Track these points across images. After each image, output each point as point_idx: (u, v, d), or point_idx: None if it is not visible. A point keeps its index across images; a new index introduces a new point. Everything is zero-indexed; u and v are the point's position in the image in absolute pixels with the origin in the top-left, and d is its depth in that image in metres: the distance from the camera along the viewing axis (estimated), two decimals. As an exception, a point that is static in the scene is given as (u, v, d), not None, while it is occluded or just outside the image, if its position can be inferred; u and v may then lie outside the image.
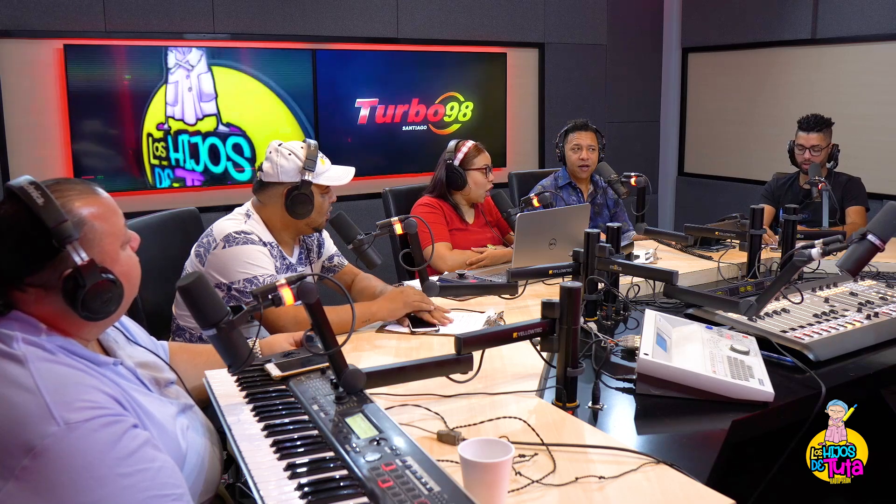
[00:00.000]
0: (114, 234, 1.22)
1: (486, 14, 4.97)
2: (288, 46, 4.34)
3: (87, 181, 1.26)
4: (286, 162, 2.18)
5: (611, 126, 5.58)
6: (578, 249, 2.21)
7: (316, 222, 2.27)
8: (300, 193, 2.17)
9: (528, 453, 1.33)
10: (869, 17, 4.62)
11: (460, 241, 3.05)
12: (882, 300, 2.22)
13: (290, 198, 2.18)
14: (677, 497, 1.20)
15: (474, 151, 3.07)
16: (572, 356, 1.53)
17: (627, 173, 3.09)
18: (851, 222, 3.43)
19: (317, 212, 2.24)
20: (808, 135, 3.48)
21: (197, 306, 1.28)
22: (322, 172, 2.22)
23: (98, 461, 1.01)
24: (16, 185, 1.13)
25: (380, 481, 1.09)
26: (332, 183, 2.24)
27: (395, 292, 2.18)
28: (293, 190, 2.18)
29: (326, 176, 2.23)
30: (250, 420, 1.36)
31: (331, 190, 2.28)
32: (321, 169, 2.21)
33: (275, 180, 2.19)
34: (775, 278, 1.99)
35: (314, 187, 2.21)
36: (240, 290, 2.07)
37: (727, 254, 2.98)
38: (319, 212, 2.25)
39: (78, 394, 1.06)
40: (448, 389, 1.60)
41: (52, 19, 3.72)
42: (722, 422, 1.50)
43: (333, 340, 1.40)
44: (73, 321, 1.17)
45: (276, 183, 2.20)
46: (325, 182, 2.22)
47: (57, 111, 3.79)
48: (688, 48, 5.84)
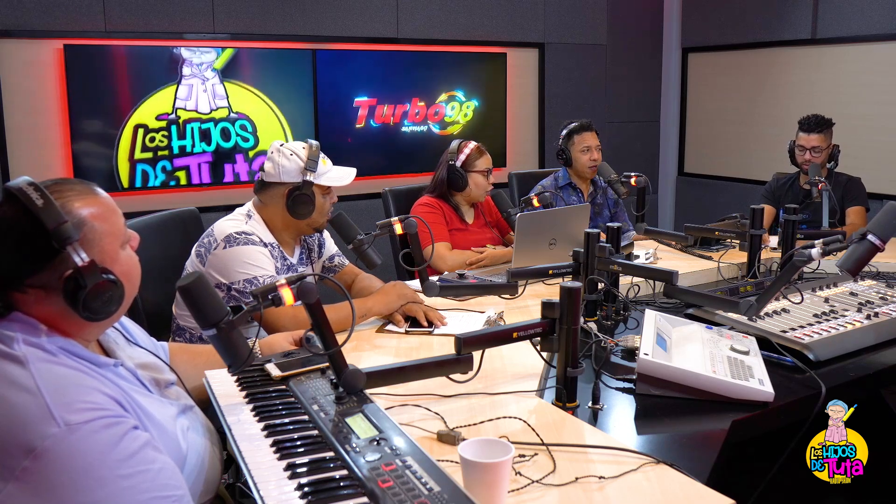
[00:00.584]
0: (114, 233, 1.22)
1: (486, 14, 4.97)
2: (288, 46, 4.34)
3: (85, 181, 1.26)
4: (288, 162, 2.19)
5: (611, 126, 5.58)
6: (578, 249, 2.21)
7: (317, 222, 2.28)
8: (301, 194, 2.18)
9: (528, 453, 1.33)
10: (869, 17, 4.62)
11: (460, 242, 3.05)
12: (882, 300, 2.22)
13: (291, 198, 2.18)
14: (677, 497, 1.20)
15: (476, 153, 3.07)
16: (572, 356, 1.53)
17: (627, 173, 3.09)
18: (851, 222, 3.43)
19: (318, 212, 2.24)
20: (808, 136, 3.48)
21: (197, 306, 1.28)
22: (324, 173, 2.22)
23: (98, 462, 1.01)
24: (14, 186, 1.13)
25: (380, 481, 1.09)
26: (333, 184, 2.24)
27: (388, 286, 2.22)
28: (294, 190, 2.18)
29: (328, 177, 2.23)
30: (250, 420, 1.36)
31: (332, 190, 2.29)
32: (323, 169, 2.22)
33: (276, 180, 2.20)
34: (775, 278, 1.99)
35: (315, 188, 2.21)
36: (240, 291, 2.07)
37: (727, 254, 2.98)
38: (320, 212, 2.26)
39: (78, 395, 1.06)
40: (448, 389, 1.60)
41: (52, 19, 3.72)
42: (722, 422, 1.50)
43: (333, 340, 1.40)
44: (74, 322, 1.17)
45: (278, 183, 2.20)
46: (326, 182, 2.23)
47: (57, 111, 3.79)
48: (688, 48, 5.84)
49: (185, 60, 4.02)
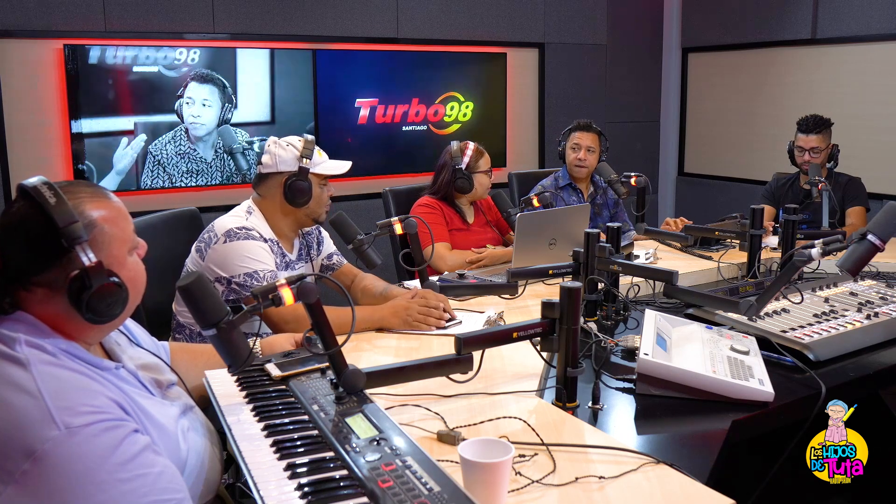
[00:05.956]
0: (123, 238, 1.22)
1: (486, 14, 4.97)
2: (288, 46, 4.34)
3: (98, 185, 1.27)
4: (284, 152, 2.22)
5: (611, 126, 5.57)
6: (578, 249, 2.21)
7: (315, 213, 2.29)
8: (298, 181, 2.21)
9: (528, 453, 1.33)
10: (868, 17, 4.62)
11: (460, 242, 3.05)
12: (882, 300, 2.22)
13: (288, 186, 2.20)
14: (677, 497, 1.20)
15: (477, 154, 3.08)
16: (572, 356, 1.53)
17: (627, 173, 3.09)
18: (851, 223, 3.43)
19: (315, 202, 2.26)
20: (807, 136, 3.48)
21: (197, 306, 1.28)
22: (319, 162, 2.27)
23: (98, 466, 1.01)
24: (29, 184, 1.14)
25: (380, 481, 1.09)
26: (328, 172, 2.28)
27: (400, 307, 2.10)
28: (291, 177, 2.21)
29: (324, 166, 2.27)
30: (250, 420, 1.36)
31: (329, 184, 2.31)
32: (318, 159, 2.27)
33: (273, 170, 2.23)
34: (775, 278, 1.99)
35: (313, 178, 2.24)
36: (240, 285, 2.08)
37: (727, 254, 2.98)
38: (318, 202, 2.28)
39: (79, 398, 1.06)
40: (448, 389, 1.60)
41: (52, 19, 3.71)
42: (722, 422, 1.50)
43: (333, 340, 1.40)
44: (77, 324, 1.17)
45: (276, 173, 2.23)
46: (322, 171, 2.26)
47: (57, 111, 3.79)
48: (688, 48, 5.84)
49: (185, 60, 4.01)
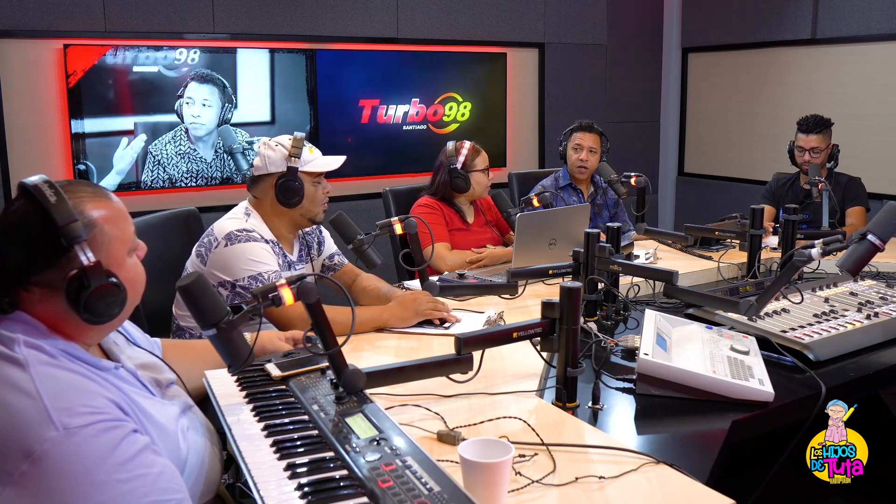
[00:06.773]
0: (122, 239, 1.22)
1: (486, 14, 4.97)
2: (288, 46, 4.34)
3: (100, 185, 1.27)
4: (273, 153, 2.22)
5: (611, 126, 5.56)
6: (578, 249, 2.21)
7: (311, 212, 2.28)
8: (288, 181, 2.19)
9: (528, 453, 1.33)
10: (868, 17, 4.62)
11: (460, 242, 3.05)
12: (882, 300, 2.22)
13: (278, 187, 2.20)
14: (677, 497, 1.20)
15: (474, 153, 3.07)
16: (572, 356, 1.53)
17: (627, 173, 3.09)
18: (851, 223, 3.43)
19: (309, 201, 2.25)
20: (807, 137, 3.48)
21: (197, 306, 1.28)
22: (309, 160, 2.24)
23: (96, 467, 1.01)
24: (30, 182, 1.14)
25: (380, 481, 1.09)
26: (317, 169, 2.25)
27: (408, 300, 2.13)
28: (281, 178, 2.20)
29: (314, 163, 2.25)
30: (250, 420, 1.36)
31: (323, 180, 2.30)
32: (308, 157, 2.24)
33: (264, 172, 2.23)
34: (775, 278, 1.99)
35: (304, 175, 2.23)
36: (244, 288, 2.08)
37: (727, 254, 2.98)
38: (312, 201, 2.26)
39: (78, 399, 1.06)
40: (448, 389, 1.60)
41: (52, 19, 3.71)
42: (722, 422, 1.50)
43: (333, 340, 1.40)
44: (75, 324, 1.17)
45: (266, 175, 2.23)
46: (312, 168, 2.24)
47: (57, 111, 3.79)
48: (688, 48, 5.83)
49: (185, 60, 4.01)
